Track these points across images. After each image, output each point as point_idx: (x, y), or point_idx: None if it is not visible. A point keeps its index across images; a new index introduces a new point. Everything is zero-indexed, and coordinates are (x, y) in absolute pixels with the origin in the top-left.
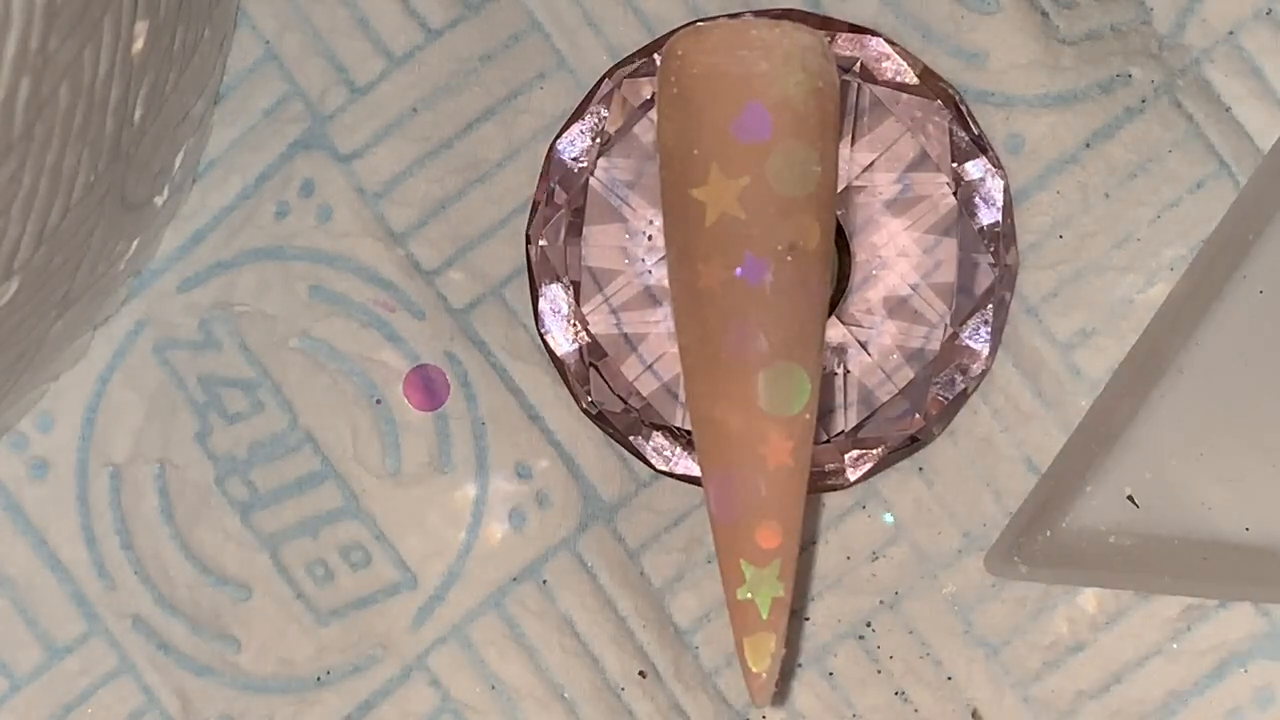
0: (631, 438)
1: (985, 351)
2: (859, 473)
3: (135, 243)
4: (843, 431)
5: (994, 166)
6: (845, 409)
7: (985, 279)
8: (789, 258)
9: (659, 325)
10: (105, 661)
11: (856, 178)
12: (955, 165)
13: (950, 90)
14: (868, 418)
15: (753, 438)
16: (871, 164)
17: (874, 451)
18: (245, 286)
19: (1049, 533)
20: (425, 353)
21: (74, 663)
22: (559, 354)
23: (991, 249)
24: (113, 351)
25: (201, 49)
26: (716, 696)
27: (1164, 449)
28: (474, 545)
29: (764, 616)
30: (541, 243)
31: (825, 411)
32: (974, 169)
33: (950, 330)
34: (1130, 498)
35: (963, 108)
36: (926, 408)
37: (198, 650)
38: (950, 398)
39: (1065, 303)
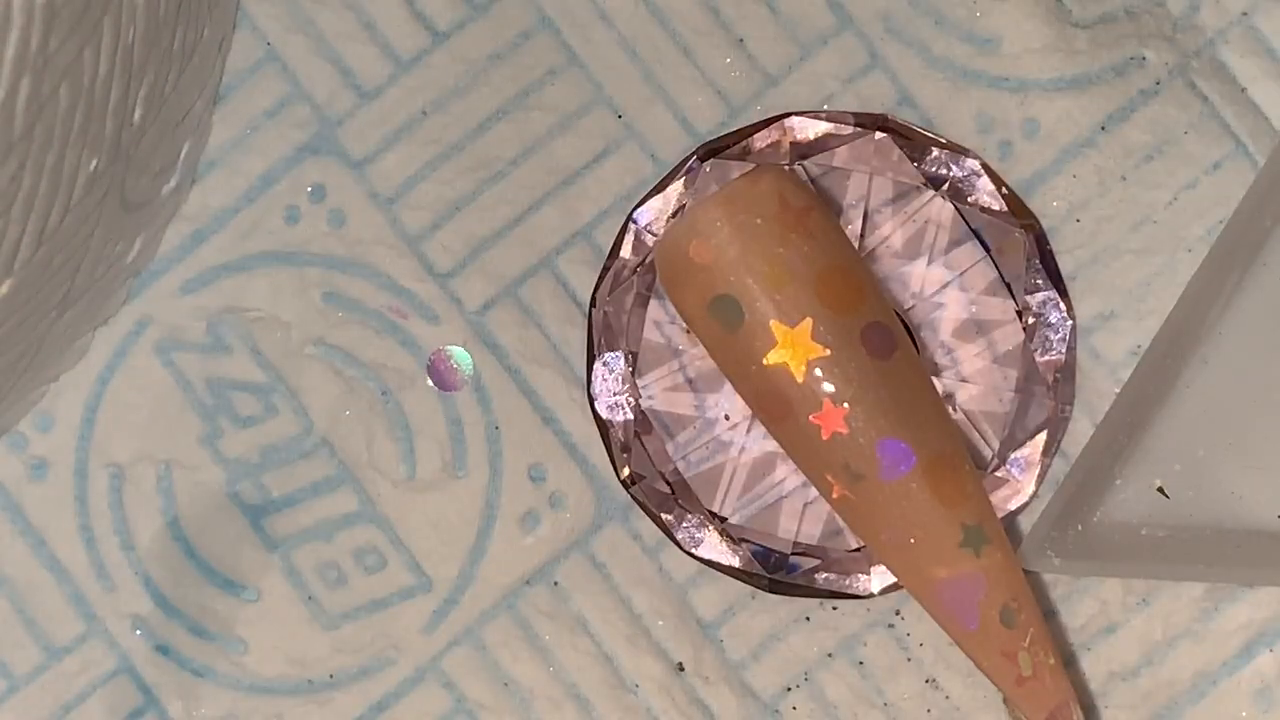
0: (663, 515)
1: (1029, 487)
2: None
3: (136, 243)
4: None
5: (1064, 303)
6: None
7: (1040, 413)
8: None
9: (709, 411)
10: (104, 662)
11: (932, 295)
12: (1027, 296)
13: (1033, 219)
14: None
15: (970, 581)
16: (946, 284)
17: None
18: (256, 291)
19: (1080, 527)
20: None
21: (72, 663)
22: (606, 419)
23: (1052, 388)
24: (113, 352)
25: (201, 49)
26: (743, 690)
27: (1192, 439)
28: (487, 548)
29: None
30: (606, 308)
31: None
32: (1046, 304)
33: (996, 462)
34: (1160, 489)
35: (1042, 238)
36: None
37: (200, 651)
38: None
39: (1083, 286)
